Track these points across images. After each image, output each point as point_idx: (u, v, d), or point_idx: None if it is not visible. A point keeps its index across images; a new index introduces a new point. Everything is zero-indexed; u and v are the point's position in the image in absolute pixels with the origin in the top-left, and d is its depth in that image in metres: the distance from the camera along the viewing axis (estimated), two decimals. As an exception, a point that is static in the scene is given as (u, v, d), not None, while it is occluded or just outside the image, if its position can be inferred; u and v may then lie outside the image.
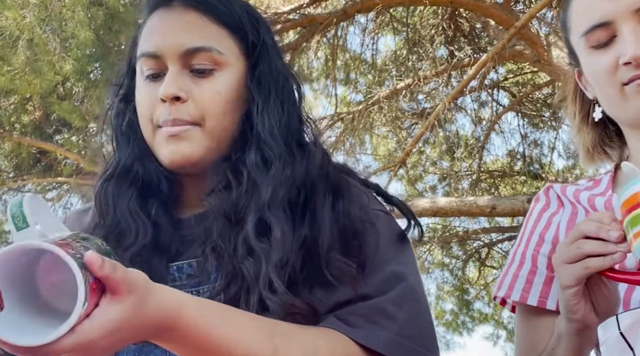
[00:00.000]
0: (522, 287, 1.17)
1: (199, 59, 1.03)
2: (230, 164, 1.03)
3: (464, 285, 8.64)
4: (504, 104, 7.71)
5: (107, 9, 5.31)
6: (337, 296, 0.97)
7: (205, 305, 0.87)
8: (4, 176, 7.22)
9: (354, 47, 7.36)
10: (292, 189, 1.00)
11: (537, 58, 5.99)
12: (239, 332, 0.87)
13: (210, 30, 1.05)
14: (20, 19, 5.00)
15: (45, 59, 5.10)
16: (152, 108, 1.04)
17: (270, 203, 0.98)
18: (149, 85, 1.05)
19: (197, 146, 1.02)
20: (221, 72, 1.04)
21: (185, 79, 1.03)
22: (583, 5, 1.11)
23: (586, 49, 1.10)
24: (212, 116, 1.03)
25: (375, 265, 1.00)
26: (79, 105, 5.82)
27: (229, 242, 0.98)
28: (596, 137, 1.20)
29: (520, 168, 7.80)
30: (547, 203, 1.23)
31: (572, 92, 1.23)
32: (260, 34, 1.09)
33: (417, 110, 7.59)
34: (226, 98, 1.04)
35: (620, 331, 0.86)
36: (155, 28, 1.07)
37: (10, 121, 6.38)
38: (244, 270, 0.95)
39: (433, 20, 6.90)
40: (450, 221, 7.82)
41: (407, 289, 1.00)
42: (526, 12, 5.91)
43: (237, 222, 0.99)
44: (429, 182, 8.42)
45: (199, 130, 1.02)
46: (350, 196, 1.04)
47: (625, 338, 0.86)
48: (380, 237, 1.03)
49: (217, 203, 1.01)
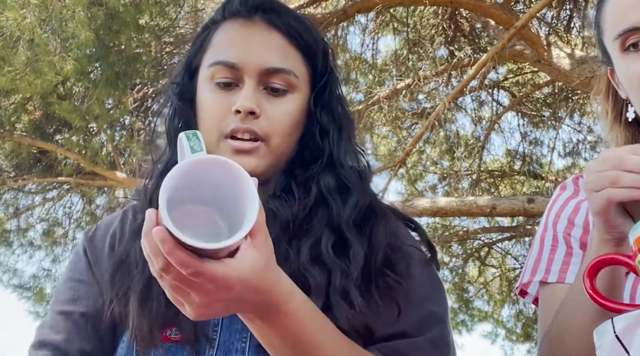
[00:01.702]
0: (559, 269, 1.16)
1: (276, 79, 1.08)
2: (294, 178, 1.10)
3: (463, 283, 8.65)
4: (504, 104, 7.71)
5: (107, 9, 5.31)
6: (381, 326, 1.03)
7: (310, 303, 0.92)
8: (5, 176, 7.22)
9: (354, 47, 7.36)
10: (362, 215, 1.08)
11: (537, 58, 5.99)
12: (326, 338, 0.92)
13: (289, 53, 1.10)
14: (20, 19, 5.01)
15: (45, 59, 5.10)
16: (221, 117, 1.08)
17: (348, 226, 1.05)
18: (220, 93, 1.09)
19: (261, 161, 1.08)
20: (293, 95, 1.10)
21: (260, 95, 1.08)
22: (618, 8, 1.09)
23: (619, 52, 1.09)
24: (278, 134, 1.08)
25: (414, 301, 1.06)
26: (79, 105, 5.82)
27: (286, 246, 1.03)
28: (629, 136, 1.18)
29: (520, 168, 7.81)
30: (575, 192, 1.23)
31: (604, 90, 1.22)
32: (328, 64, 1.15)
33: (417, 110, 7.59)
34: (294, 119, 1.10)
35: (616, 334, 0.86)
36: (236, 39, 1.10)
37: (11, 121, 6.38)
38: (308, 276, 1.00)
39: (433, 20, 6.90)
40: (450, 221, 7.82)
41: (445, 332, 1.07)
42: (526, 12, 5.92)
43: (296, 232, 1.05)
44: (429, 182, 8.43)
45: (264, 147, 1.07)
46: (388, 220, 1.11)
47: (621, 341, 0.86)
48: (418, 272, 1.09)
49: (279, 208, 1.06)
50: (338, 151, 1.11)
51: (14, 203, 7.89)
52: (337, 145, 1.11)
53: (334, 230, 1.05)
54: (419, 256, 1.12)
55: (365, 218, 1.08)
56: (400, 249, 1.08)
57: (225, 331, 1.04)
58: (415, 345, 1.02)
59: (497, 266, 8.50)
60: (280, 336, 0.89)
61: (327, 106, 1.13)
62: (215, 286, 0.80)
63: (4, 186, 7.27)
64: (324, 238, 1.04)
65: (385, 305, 1.03)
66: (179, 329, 1.02)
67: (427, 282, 1.10)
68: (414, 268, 1.08)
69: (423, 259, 1.12)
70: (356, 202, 1.08)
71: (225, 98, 1.08)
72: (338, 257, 1.03)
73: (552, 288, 1.16)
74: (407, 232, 1.16)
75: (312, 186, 1.08)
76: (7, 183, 7.24)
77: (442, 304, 1.10)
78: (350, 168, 1.12)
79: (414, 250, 1.11)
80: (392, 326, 1.03)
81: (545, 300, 1.18)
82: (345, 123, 1.15)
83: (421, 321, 1.05)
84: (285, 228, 1.04)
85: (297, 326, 0.89)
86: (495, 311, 9.00)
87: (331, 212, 1.06)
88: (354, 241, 1.04)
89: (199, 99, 1.12)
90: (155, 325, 1.01)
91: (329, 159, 1.11)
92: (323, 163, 1.10)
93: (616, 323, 0.87)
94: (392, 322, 1.03)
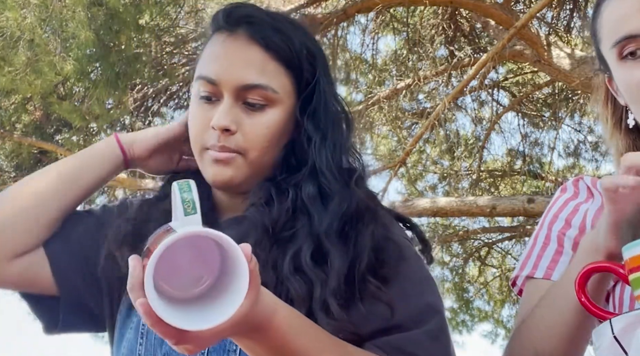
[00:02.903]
0: (546, 265, 1.17)
1: (253, 95, 1.10)
2: (274, 183, 1.12)
3: (463, 283, 8.65)
4: (504, 104, 7.71)
5: (107, 9, 5.30)
6: (373, 324, 1.03)
7: (293, 313, 0.94)
8: (5, 176, 7.22)
9: (354, 47, 7.36)
10: (345, 221, 1.07)
11: (537, 58, 5.99)
12: (316, 344, 0.94)
13: (268, 67, 1.11)
14: (20, 19, 5.01)
15: (45, 59, 5.10)
16: (203, 131, 1.12)
17: (328, 234, 1.05)
18: (202, 106, 1.13)
19: (239, 172, 1.11)
20: (272, 109, 1.12)
21: (237, 110, 1.10)
22: (615, 15, 1.09)
23: (617, 61, 1.09)
24: (256, 148, 1.11)
25: (409, 293, 1.06)
26: (79, 105, 5.82)
27: (268, 253, 1.05)
28: (630, 143, 1.18)
29: (520, 168, 7.81)
30: (575, 193, 1.23)
31: (603, 97, 1.21)
32: (316, 71, 1.16)
33: (417, 109, 7.60)
34: (273, 132, 1.12)
35: (614, 335, 0.86)
36: (218, 55, 1.13)
37: (11, 121, 6.38)
38: (289, 286, 1.02)
39: (433, 20, 6.90)
40: (451, 221, 7.82)
41: (442, 322, 1.07)
42: (526, 12, 5.92)
43: (277, 238, 1.06)
44: (429, 182, 8.43)
45: (241, 159, 1.11)
46: (377, 221, 1.11)
47: (619, 342, 0.86)
48: (410, 264, 1.09)
49: (257, 215, 1.08)
50: (320, 159, 1.12)
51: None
52: (319, 153, 1.12)
53: (313, 239, 1.06)
54: (411, 248, 1.12)
55: (351, 223, 1.08)
56: (392, 240, 1.09)
57: None
58: (412, 337, 1.02)
59: (497, 266, 8.50)
60: (267, 348, 0.91)
61: (313, 114, 1.14)
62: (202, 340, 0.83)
63: (4, 186, 7.27)
64: (304, 247, 1.04)
65: (375, 308, 1.03)
66: None
67: (420, 273, 1.11)
68: (406, 259, 1.09)
69: (414, 251, 1.13)
70: (338, 208, 1.07)
71: (207, 111, 1.12)
72: (318, 266, 1.03)
73: (537, 283, 1.17)
74: (399, 226, 1.16)
75: (290, 191, 1.10)
76: (7, 183, 7.24)
77: (436, 294, 1.10)
78: (334, 175, 1.11)
79: (404, 242, 1.12)
80: (388, 321, 1.03)
81: (529, 293, 1.19)
82: (333, 129, 1.15)
83: (418, 314, 1.04)
84: (266, 234, 1.06)
85: (283, 340, 0.91)
86: (495, 311, 9.00)
87: (312, 221, 1.07)
88: (333, 250, 1.04)
89: (189, 110, 1.17)
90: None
91: (312, 167, 1.12)
92: (307, 171, 1.12)
93: (614, 324, 0.87)
94: (387, 319, 1.03)
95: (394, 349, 1.01)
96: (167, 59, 6.55)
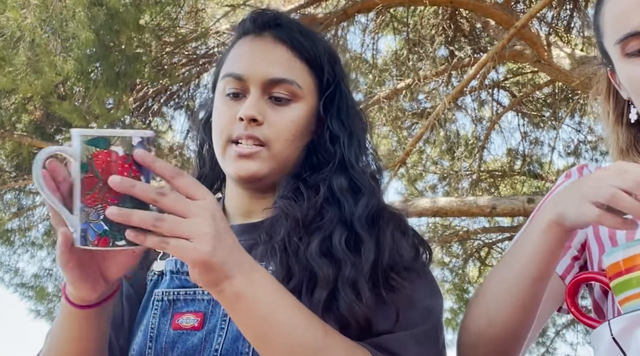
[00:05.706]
0: None
1: (279, 89, 1.15)
2: (301, 179, 1.15)
3: (463, 283, 8.65)
4: (504, 104, 7.72)
5: (108, 9, 5.30)
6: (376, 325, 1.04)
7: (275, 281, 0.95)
8: (5, 176, 7.22)
9: (354, 47, 7.36)
10: (373, 216, 1.11)
11: (537, 58, 5.99)
12: (296, 310, 0.94)
13: (294, 65, 1.17)
14: (21, 19, 5.01)
15: (46, 59, 5.09)
16: (229, 124, 1.15)
17: (361, 222, 1.09)
18: (229, 103, 1.17)
19: (263, 165, 1.14)
20: (296, 104, 1.16)
21: (263, 104, 1.15)
22: (618, 11, 1.09)
23: (621, 57, 1.09)
24: (280, 140, 1.15)
25: (415, 299, 1.08)
26: (80, 105, 5.82)
27: (298, 241, 1.07)
28: (631, 138, 1.19)
29: (520, 168, 7.81)
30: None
31: (604, 91, 1.22)
32: (336, 74, 1.22)
33: (417, 109, 7.60)
34: (297, 126, 1.16)
35: (613, 337, 0.87)
36: (245, 53, 1.19)
37: (11, 121, 6.38)
38: (314, 266, 1.04)
39: (433, 20, 6.90)
40: (451, 221, 7.82)
41: (438, 325, 1.09)
42: (526, 12, 5.92)
43: (306, 229, 1.09)
44: (429, 182, 8.44)
45: (265, 152, 1.14)
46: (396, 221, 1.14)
47: (618, 343, 0.87)
48: (420, 270, 1.12)
49: (288, 206, 1.11)
50: (349, 154, 1.17)
51: (15, 203, 7.89)
52: (349, 149, 1.17)
53: (346, 226, 1.09)
54: (422, 251, 1.15)
55: (374, 219, 1.11)
56: (407, 242, 1.12)
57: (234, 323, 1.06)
58: (400, 338, 1.04)
59: (497, 266, 8.48)
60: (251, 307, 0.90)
61: (337, 113, 1.19)
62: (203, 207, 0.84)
63: (4, 186, 7.28)
64: (336, 233, 1.08)
65: (387, 305, 1.05)
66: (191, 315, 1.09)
67: (425, 279, 1.13)
68: (418, 262, 1.12)
69: (425, 255, 1.15)
70: (367, 202, 1.12)
71: (233, 107, 1.15)
72: (350, 251, 1.06)
73: None
74: (413, 228, 1.18)
75: (321, 187, 1.13)
76: (8, 183, 7.24)
77: (435, 294, 1.13)
78: (362, 171, 1.16)
79: (417, 244, 1.14)
80: (392, 325, 1.05)
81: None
82: (356, 128, 1.20)
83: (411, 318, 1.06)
84: (295, 226, 1.09)
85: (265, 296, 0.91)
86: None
87: (343, 210, 1.11)
88: (365, 238, 1.07)
89: (214, 110, 1.21)
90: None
91: (341, 162, 1.16)
92: (335, 166, 1.16)
93: (613, 325, 0.87)
94: (391, 323, 1.05)
95: (380, 348, 1.02)
96: (167, 59, 6.56)
